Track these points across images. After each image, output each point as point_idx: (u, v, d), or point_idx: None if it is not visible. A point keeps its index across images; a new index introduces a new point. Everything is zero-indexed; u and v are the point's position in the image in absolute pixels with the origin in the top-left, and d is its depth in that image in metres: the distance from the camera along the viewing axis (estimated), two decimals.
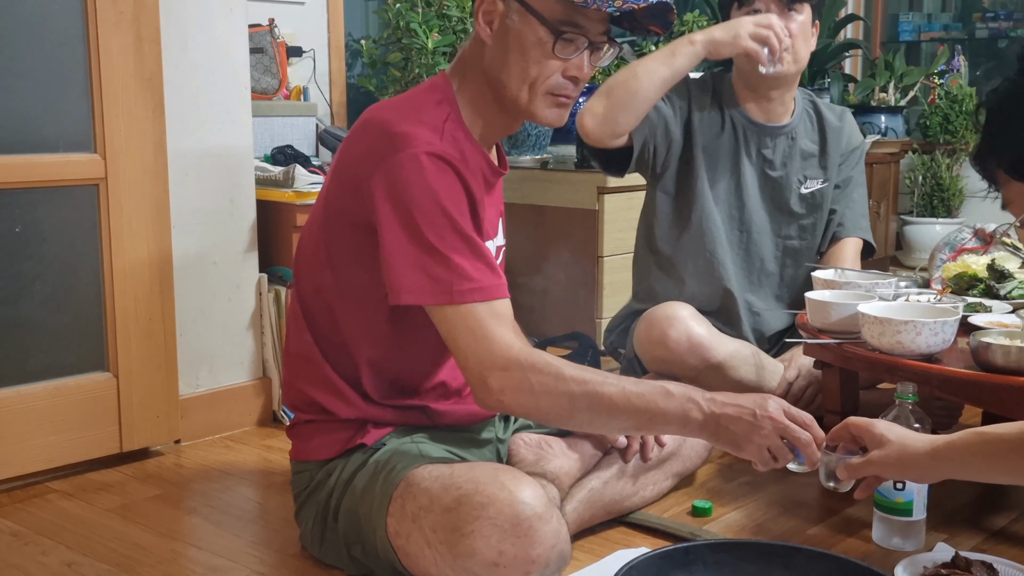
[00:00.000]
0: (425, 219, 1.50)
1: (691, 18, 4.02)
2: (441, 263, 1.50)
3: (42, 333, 2.16)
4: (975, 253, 2.68)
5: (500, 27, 1.58)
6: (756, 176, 2.49)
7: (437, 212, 1.50)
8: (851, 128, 2.62)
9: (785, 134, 2.50)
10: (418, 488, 1.54)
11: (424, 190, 1.50)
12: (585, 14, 1.55)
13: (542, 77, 1.58)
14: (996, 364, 1.75)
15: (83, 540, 1.88)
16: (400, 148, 1.51)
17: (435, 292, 1.50)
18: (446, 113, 1.59)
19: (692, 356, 2.36)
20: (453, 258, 1.50)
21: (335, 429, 1.70)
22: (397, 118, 1.55)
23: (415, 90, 1.67)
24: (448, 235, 1.51)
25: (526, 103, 1.60)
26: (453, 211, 1.52)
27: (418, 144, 1.51)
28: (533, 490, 1.49)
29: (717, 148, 2.46)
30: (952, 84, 5.02)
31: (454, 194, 1.53)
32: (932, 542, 1.77)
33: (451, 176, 1.53)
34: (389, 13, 3.39)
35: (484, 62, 1.62)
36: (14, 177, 2.07)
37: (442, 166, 1.52)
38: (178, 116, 2.33)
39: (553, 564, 1.49)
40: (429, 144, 1.52)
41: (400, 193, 1.51)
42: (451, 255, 1.50)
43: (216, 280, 2.46)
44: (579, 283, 3.31)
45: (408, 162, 1.50)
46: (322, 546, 1.72)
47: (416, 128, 1.53)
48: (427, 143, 1.52)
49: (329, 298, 1.67)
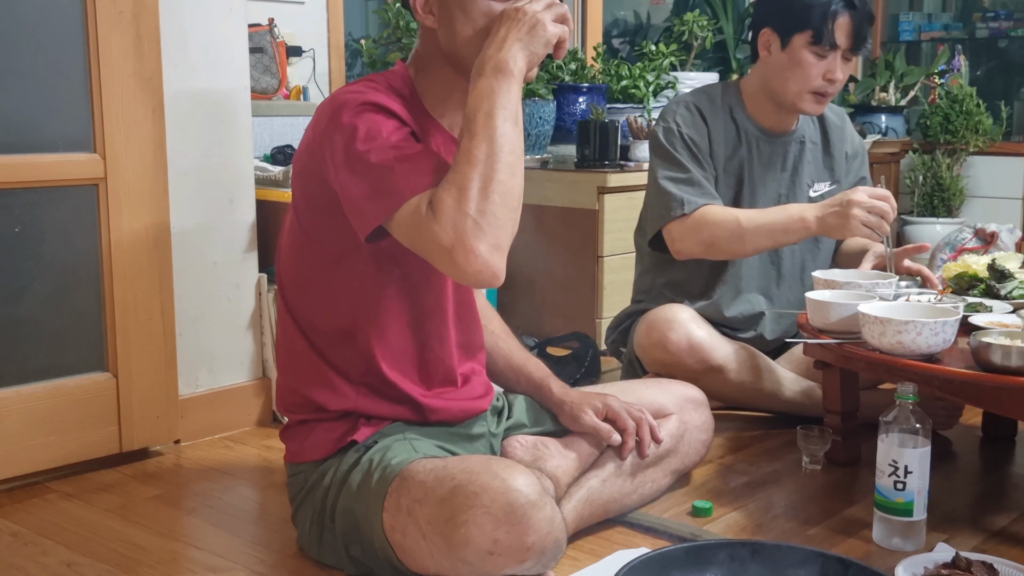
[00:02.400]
0: (365, 147, 1.51)
1: (691, 18, 4.02)
2: (386, 175, 1.49)
3: (42, 333, 2.16)
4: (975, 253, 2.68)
5: (440, 8, 1.61)
6: (770, 184, 2.47)
7: (375, 136, 1.51)
8: (851, 127, 2.63)
9: (795, 140, 2.49)
10: (412, 481, 1.54)
11: (364, 126, 1.52)
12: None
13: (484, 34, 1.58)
14: (996, 364, 1.75)
15: (83, 540, 1.87)
16: (344, 106, 1.55)
17: (385, 207, 1.49)
18: (397, 87, 1.63)
19: (692, 358, 2.36)
20: (393, 167, 1.49)
21: (327, 428, 1.70)
22: (345, 90, 1.60)
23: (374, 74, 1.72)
24: (386, 150, 1.50)
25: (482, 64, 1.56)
26: (389, 133, 1.52)
27: (359, 99, 1.54)
28: (526, 478, 1.49)
29: (734, 161, 2.46)
30: (952, 84, 5.02)
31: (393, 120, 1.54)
32: (932, 542, 1.77)
33: (389, 112, 1.55)
34: (389, 13, 3.40)
35: (439, 47, 1.64)
36: (14, 177, 2.07)
37: (381, 105, 1.54)
38: (178, 116, 2.33)
39: (549, 551, 1.49)
40: (369, 98, 1.55)
41: (343, 139, 1.53)
42: (391, 164, 1.49)
43: (216, 280, 2.45)
44: (579, 283, 3.31)
45: (349, 113, 1.53)
46: (320, 547, 1.72)
47: (361, 91, 1.57)
48: (368, 97, 1.55)
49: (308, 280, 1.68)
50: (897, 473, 1.73)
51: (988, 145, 4.86)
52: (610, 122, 3.35)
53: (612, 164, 3.35)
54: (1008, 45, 5.43)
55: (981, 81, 5.30)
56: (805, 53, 2.33)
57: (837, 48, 2.32)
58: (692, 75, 3.93)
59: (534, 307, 3.41)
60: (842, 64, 2.34)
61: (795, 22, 2.32)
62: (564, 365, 2.90)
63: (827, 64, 2.33)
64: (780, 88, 2.39)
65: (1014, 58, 5.46)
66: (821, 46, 2.31)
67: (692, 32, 4.01)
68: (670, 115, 2.45)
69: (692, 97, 2.48)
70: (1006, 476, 2.28)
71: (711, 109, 2.45)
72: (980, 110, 4.80)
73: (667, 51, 3.82)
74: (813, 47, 2.32)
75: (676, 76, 3.85)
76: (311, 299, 1.69)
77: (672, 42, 3.92)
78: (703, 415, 2.05)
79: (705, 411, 2.07)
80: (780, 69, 2.37)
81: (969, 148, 4.84)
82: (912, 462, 1.73)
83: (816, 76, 2.34)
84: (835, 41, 2.30)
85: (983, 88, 5.02)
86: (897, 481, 1.74)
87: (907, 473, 1.73)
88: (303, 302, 1.70)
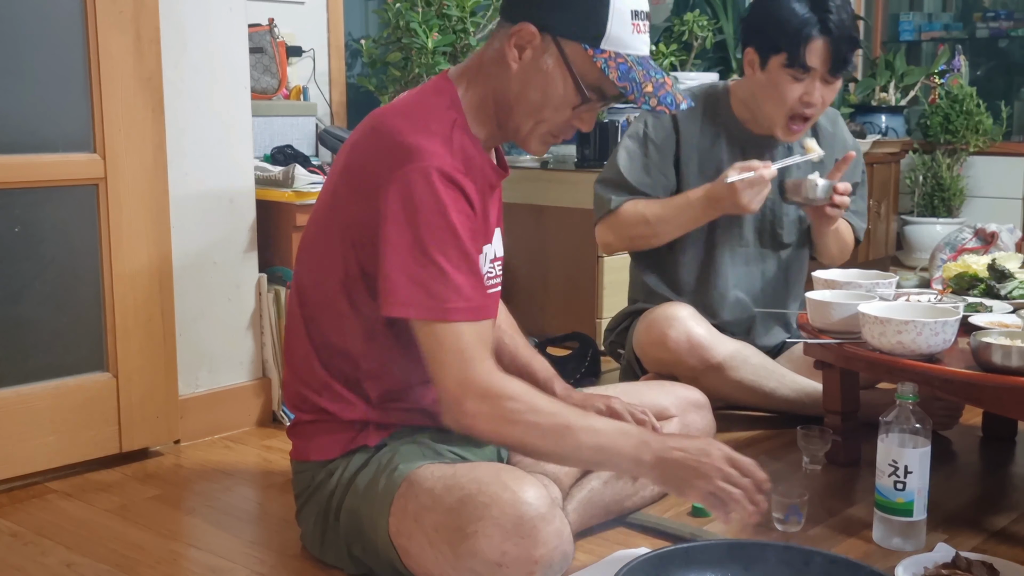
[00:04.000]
0: (431, 234, 1.51)
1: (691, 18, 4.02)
2: (440, 278, 1.51)
3: (42, 333, 2.16)
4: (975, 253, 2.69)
5: (531, 61, 1.59)
6: None
7: (443, 227, 1.51)
8: (844, 132, 2.61)
9: (783, 144, 2.48)
10: (420, 488, 1.54)
11: (433, 205, 1.51)
12: (615, 87, 1.58)
13: (551, 122, 1.62)
14: (996, 364, 1.75)
15: (83, 540, 1.87)
16: (410, 160, 1.52)
17: (429, 307, 1.51)
18: (452, 119, 1.60)
19: (691, 357, 2.36)
20: (452, 275, 1.51)
21: (337, 430, 1.69)
22: (407, 128, 1.55)
23: (420, 93, 1.67)
24: (452, 251, 1.52)
25: (525, 135, 1.64)
26: (459, 228, 1.52)
27: (429, 158, 1.52)
28: (536, 490, 1.49)
29: (711, 161, 2.45)
30: (953, 84, 5.02)
31: (460, 212, 1.54)
32: (932, 542, 1.77)
33: (458, 193, 1.54)
34: (389, 13, 3.39)
35: (498, 80, 1.62)
36: (14, 177, 2.07)
37: (452, 182, 1.53)
38: (178, 116, 2.32)
39: (556, 564, 1.49)
40: (440, 158, 1.53)
41: (408, 206, 1.51)
42: (451, 272, 1.51)
43: (216, 280, 2.45)
44: (579, 283, 3.31)
45: (418, 176, 1.51)
46: (323, 546, 1.72)
47: (426, 140, 1.54)
48: (438, 157, 1.52)
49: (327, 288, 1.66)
50: (897, 473, 1.73)
51: (988, 145, 4.87)
52: (610, 122, 3.35)
53: None
54: (1008, 45, 5.43)
55: (981, 81, 5.30)
56: (782, 74, 2.31)
57: (812, 71, 2.28)
58: (692, 75, 3.92)
59: (534, 307, 3.41)
60: (821, 87, 2.31)
61: (771, 44, 2.31)
62: (564, 365, 2.90)
63: (803, 87, 2.30)
64: (759, 108, 2.40)
65: (1014, 58, 5.46)
66: (795, 69, 2.28)
67: (692, 32, 4.01)
68: (645, 113, 2.48)
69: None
70: (1006, 476, 2.28)
71: (688, 111, 2.45)
72: (980, 110, 4.81)
73: (667, 51, 3.83)
74: (788, 69, 2.29)
75: (676, 76, 3.84)
76: (326, 305, 1.67)
77: (672, 42, 3.93)
78: (705, 418, 2.06)
79: (707, 414, 2.07)
80: (760, 89, 2.37)
81: (969, 148, 4.85)
82: (912, 462, 1.73)
83: (791, 98, 2.31)
84: (807, 64, 2.27)
85: (983, 88, 5.03)
86: (897, 481, 1.74)
87: (907, 473, 1.73)
88: (322, 317, 1.68)
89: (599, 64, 1.56)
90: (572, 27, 1.56)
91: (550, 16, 1.56)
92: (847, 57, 2.30)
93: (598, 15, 1.55)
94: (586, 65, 1.57)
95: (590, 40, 1.56)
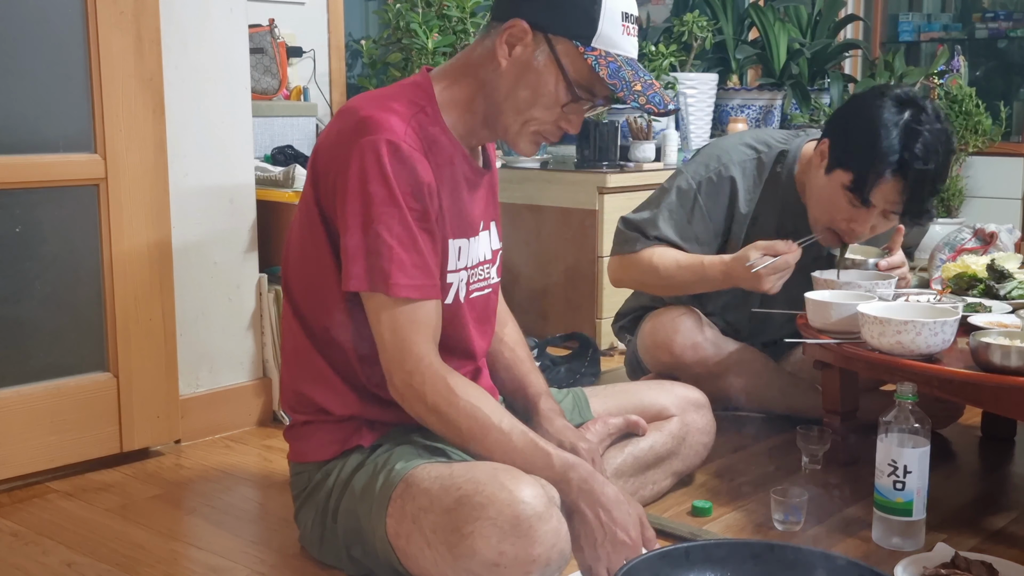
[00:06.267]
0: (377, 206, 1.52)
1: (691, 18, 4.02)
2: (384, 252, 1.53)
3: (42, 333, 2.16)
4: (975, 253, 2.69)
5: (521, 58, 1.59)
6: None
7: (388, 201, 1.52)
8: None
9: None
10: (417, 488, 1.54)
11: (379, 177, 1.52)
12: (605, 85, 1.58)
13: (539, 121, 1.62)
14: (996, 364, 1.75)
15: (83, 540, 1.88)
16: (364, 133, 1.54)
17: (371, 280, 1.54)
18: (420, 106, 1.61)
19: (697, 365, 2.36)
20: (396, 249, 1.53)
21: (332, 429, 1.70)
22: (369, 105, 1.58)
23: (397, 83, 1.70)
24: (395, 226, 1.53)
25: (514, 133, 1.65)
26: (402, 203, 1.53)
27: (381, 131, 1.53)
28: (533, 489, 1.49)
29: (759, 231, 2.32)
30: (952, 84, 5.01)
31: (411, 186, 1.54)
32: (932, 542, 1.77)
33: (410, 168, 1.54)
34: (389, 13, 3.40)
35: (486, 76, 1.63)
36: (14, 177, 2.07)
37: (402, 156, 1.53)
38: (178, 116, 2.33)
39: (554, 563, 1.49)
40: (392, 132, 1.54)
41: (360, 177, 1.53)
42: (395, 246, 1.53)
43: (216, 280, 2.46)
44: (579, 283, 3.31)
45: (369, 148, 1.52)
46: (322, 547, 1.72)
47: (383, 115, 1.55)
48: (391, 131, 1.54)
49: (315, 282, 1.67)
50: (896, 473, 1.74)
51: (987, 145, 4.86)
52: (610, 122, 3.36)
53: (612, 164, 3.35)
54: (1008, 45, 5.43)
55: (980, 81, 5.30)
56: (840, 192, 2.11)
57: (871, 207, 2.09)
58: (692, 75, 3.93)
59: (534, 307, 3.41)
60: (878, 218, 2.12)
61: (844, 157, 2.10)
62: (564, 365, 2.91)
63: (856, 214, 2.12)
64: (809, 203, 2.26)
65: (1014, 58, 5.46)
66: (854, 195, 2.09)
67: (692, 32, 4.00)
68: (703, 169, 2.32)
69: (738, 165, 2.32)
70: (1006, 476, 2.29)
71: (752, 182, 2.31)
72: (979, 110, 4.80)
73: (667, 51, 3.82)
74: (848, 192, 2.10)
75: (676, 76, 3.85)
76: (318, 302, 1.68)
77: (672, 42, 3.92)
78: (705, 417, 2.06)
79: (707, 413, 2.07)
80: (814, 186, 2.22)
81: (968, 148, 4.84)
82: (911, 462, 1.73)
83: (838, 219, 2.16)
84: (869, 200, 2.07)
85: (982, 88, 5.02)
86: (896, 481, 1.74)
87: (906, 473, 1.73)
88: (310, 305, 1.69)
89: (589, 62, 1.56)
90: (564, 24, 1.57)
91: (542, 13, 1.57)
92: (923, 200, 2.09)
93: (589, 13, 1.56)
94: (577, 63, 1.58)
95: (581, 38, 1.57)
